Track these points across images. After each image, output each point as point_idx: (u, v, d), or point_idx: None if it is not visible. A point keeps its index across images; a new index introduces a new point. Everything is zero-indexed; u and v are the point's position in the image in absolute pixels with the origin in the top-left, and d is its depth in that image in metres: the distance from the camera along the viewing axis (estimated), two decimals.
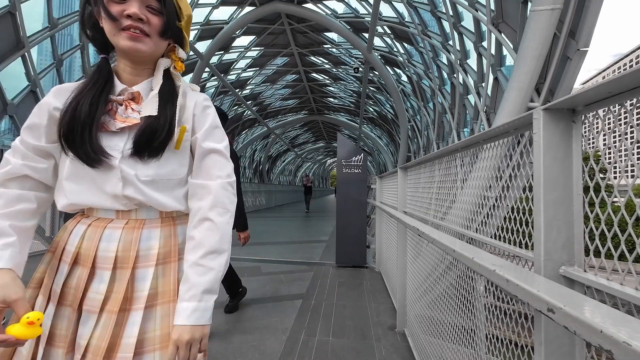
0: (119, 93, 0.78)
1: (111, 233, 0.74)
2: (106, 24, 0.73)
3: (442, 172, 1.86)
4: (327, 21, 11.29)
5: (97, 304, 0.71)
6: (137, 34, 0.73)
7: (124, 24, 0.72)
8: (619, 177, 0.69)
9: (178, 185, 0.81)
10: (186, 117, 0.82)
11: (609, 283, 0.66)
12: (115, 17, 0.71)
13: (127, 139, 0.75)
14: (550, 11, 4.29)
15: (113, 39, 0.74)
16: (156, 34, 0.76)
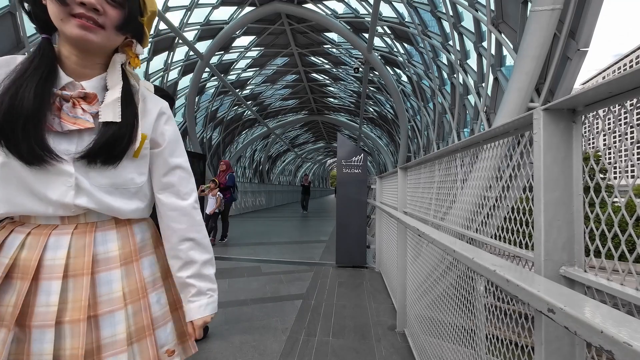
0: (63, 86, 0.68)
1: (57, 240, 0.67)
2: (52, 6, 0.63)
3: (442, 172, 1.86)
4: (327, 21, 11.30)
5: (50, 317, 0.64)
6: (89, 24, 0.64)
7: (75, 11, 0.62)
8: (619, 177, 0.69)
9: (136, 194, 0.77)
10: (147, 124, 0.77)
11: (610, 283, 0.66)
12: (66, 2, 0.62)
13: (77, 143, 0.67)
14: (550, 11, 4.30)
15: (59, 24, 0.64)
16: (112, 27, 0.67)
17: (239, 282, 4.05)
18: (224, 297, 3.48)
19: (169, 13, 10.30)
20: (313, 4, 11.27)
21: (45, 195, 0.65)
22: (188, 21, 11.09)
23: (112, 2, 0.65)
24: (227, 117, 17.84)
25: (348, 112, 21.65)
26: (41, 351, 0.63)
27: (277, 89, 18.87)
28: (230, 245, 6.55)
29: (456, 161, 1.63)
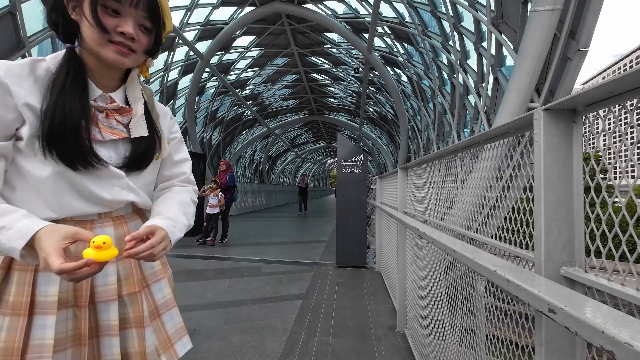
0: (94, 98, 0.75)
1: (103, 231, 0.77)
2: (91, 31, 0.68)
3: (442, 173, 1.86)
4: (327, 21, 11.30)
5: (111, 293, 0.77)
6: (125, 50, 0.71)
7: (114, 39, 0.70)
8: (619, 178, 0.69)
9: (150, 187, 0.91)
10: (164, 129, 0.89)
11: (610, 284, 0.66)
12: (107, 31, 0.69)
13: (114, 150, 0.77)
14: (550, 11, 4.30)
15: (97, 47, 0.70)
16: (142, 51, 0.75)
17: (239, 282, 4.05)
18: (224, 297, 3.48)
19: None
20: (313, 4, 11.27)
21: (99, 196, 0.75)
22: (188, 21, 11.09)
23: (143, 29, 0.74)
24: (227, 117, 17.84)
25: (348, 112, 21.65)
26: (109, 318, 0.76)
27: (277, 89, 18.87)
28: (230, 245, 6.55)
29: (456, 161, 1.63)
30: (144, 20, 0.72)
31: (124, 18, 0.70)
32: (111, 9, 0.68)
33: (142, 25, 0.73)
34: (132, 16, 0.71)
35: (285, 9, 11.00)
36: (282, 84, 18.25)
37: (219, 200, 6.52)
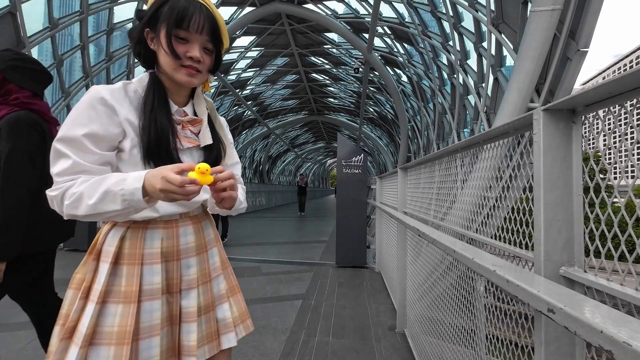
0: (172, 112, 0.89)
1: (185, 229, 0.91)
2: (167, 59, 0.82)
3: (442, 173, 1.86)
4: (327, 21, 11.30)
5: (193, 282, 0.90)
6: (194, 71, 0.84)
7: (185, 63, 0.82)
8: (619, 178, 0.69)
9: None
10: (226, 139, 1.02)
11: (609, 284, 0.66)
12: (179, 57, 0.81)
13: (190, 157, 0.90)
14: (550, 12, 4.30)
15: (171, 72, 0.84)
16: (206, 70, 0.88)
17: (239, 282, 4.04)
18: None
19: None
20: (313, 4, 11.27)
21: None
22: None
23: (207, 51, 0.86)
24: (227, 117, 17.84)
25: (348, 112, 21.65)
26: (189, 305, 0.88)
27: (277, 89, 18.87)
28: (230, 245, 6.55)
29: (456, 161, 1.64)
30: (207, 44, 0.85)
31: (192, 44, 0.82)
32: (181, 37, 0.81)
33: (205, 48, 0.85)
34: (198, 41, 0.83)
35: (285, 9, 11.00)
36: (282, 84, 18.25)
37: None
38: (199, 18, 0.80)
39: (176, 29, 0.79)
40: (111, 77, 10.66)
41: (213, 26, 0.83)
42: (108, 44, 9.89)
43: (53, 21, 7.81)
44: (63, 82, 9.11)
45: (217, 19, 0.84)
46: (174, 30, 0.79)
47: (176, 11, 0.79)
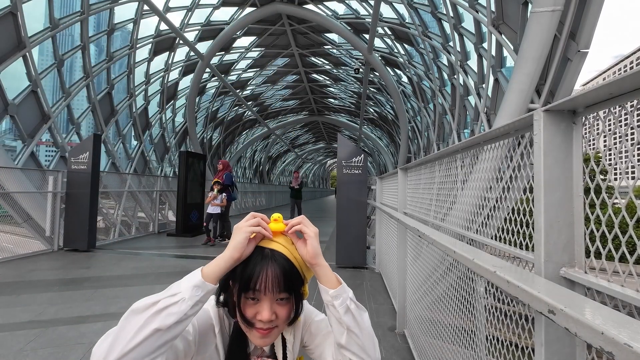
0: (250, 351, 0.85)
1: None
2: (241, 323, 0.78)
3: (443, 173, 1.86)
4: (328, 22, 11.31)
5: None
6: (267, 332, 0.77)
7: (257, 325, 0.76)
8: (619, 179, 0.69)
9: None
10: (297, 348, 0.90)
11: (610, 285, 0.66)
12: (251, 323, 0.76)
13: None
14: (550, 13, 4.30)
15: (247, 332, 0.80)
16: (284, 322, 0.79)
17: None
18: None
19: (169, 13, 10.32)
20: (314, 4, 11.29)
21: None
22: (189, 22, 11.11)
23: (280, 302, 0.77)
24: (227, 117, 17.85)
25: (348, 113, 21.67)
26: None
27: (278, 90, 18.89)
28: None
29: (456, 162, 1.64)
30: (280, 295, 0.76)
31: (261, 303, 0.75)
32: (251, 298, 0.76)
33: (280, 299, 0.77)
34: (268, 299, 0.75)
35: (286, 9, 11.01)
36: (282, 84, 18.26)
37: (222, 201, 6.58)
38: (266, 275, 0.74)
39: (245, 292, 0.75)
40: (112, 77, 10.68)
41: (286, 277, 0.76)
42: (109, 44, 9.90)
43: (54, 21, 7.82)
44: (63, 82, 9.12)
45: (292, 264, 0.77)
46: (243, 293, 0.75)
47: (245, 274, 0.75)
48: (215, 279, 0.70)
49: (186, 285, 0.67)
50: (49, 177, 5.88)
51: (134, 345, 0.59)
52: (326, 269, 0.79)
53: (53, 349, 2.37)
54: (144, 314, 0.62)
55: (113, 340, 0.60)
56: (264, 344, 0.81)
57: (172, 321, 0.62)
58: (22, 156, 7.71)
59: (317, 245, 0.78)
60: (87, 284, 3.80)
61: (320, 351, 0.89)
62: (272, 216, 0.78)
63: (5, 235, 5.69)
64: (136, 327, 0.60)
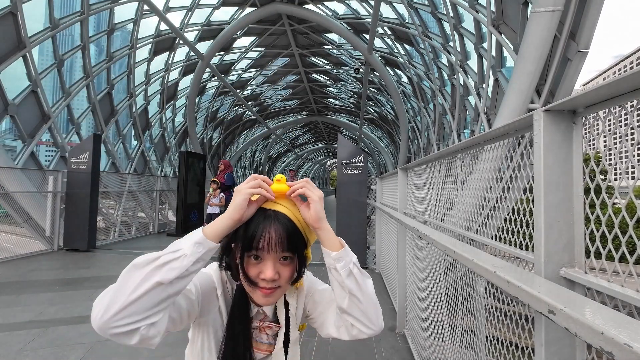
0: (251, 316, 0.86)
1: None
2: (245, 282, 0.78)
3: (443, 173, 1.86)
4: (328, 22, 11.31)
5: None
6: (269, 291, 0.77)
7: (260, 285, 0.76)
8: (619, 179, 0.69)
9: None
10: (301, 311, 0.91)
11: (610, 285, 0.66)
12: (254, 282, 0.76)
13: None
14: (550, 13, 4.30)
15: (250, 293, 0.80)
16: (286, 282, 0.79)
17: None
18: None
19: (169, 13, 10.33)
20: (314, 4, 11.29)
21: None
22: (189, 22, 11.10)
23: (284, 261, 0.77)
24: (227, 117, 17.86)
25: (348, 113, 21.67)
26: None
27: (278, 90, 18.90)
28: None
29: (456, 162, 1.64)
30: (283, 254, 0.77)
31: (264, 262, 0.76)
32: (254, 257, 0.76)
33: (283, 257, 0.77)
34: (271, 258, 0.76)
35: (286, 9, 11.02)
36: (282, 84, 18.27)
37: (220, 200, 6.60)
38: (269, 234, 0.74)
39: (248, 251, 0.75)
40: (112, 77, 10.68)
41: (289, 237, 0.76)
42: (109, 44, 9.90)
43: (54, 21, 7.83)
44: (64, 82, 9.12)
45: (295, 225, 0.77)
46: (246, 252, 0.76)
47: (248, 233, 0.75)
48: (216, 238, 0.70)
49: (187, 242, 0.67)
50: (49, 177, 5.88)
51: (136, 298, 0.59)
52: (329, 233, 0.79)
53: (53, 349, 2.37)
54: (145, 268, 0.62)
55: (114, 293, 0.60)
56: (267, 304, 0.81)
57: (173, 276, 0.62)
58: (22, 156, 7.71)
59: (320, 209, 0.77)
60: (87, 284, 3.80)
61: (322, 320, 0.89)
62: (274, 177, 0.78)
63: (5, 235, 5.69)
64: (137, 280, 0.60)
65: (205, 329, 0.81)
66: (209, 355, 0.81)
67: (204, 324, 0.81)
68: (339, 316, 0.82)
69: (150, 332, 0.61)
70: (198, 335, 0.82)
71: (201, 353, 0.81)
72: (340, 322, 0.83)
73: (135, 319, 0.59)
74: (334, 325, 0.85)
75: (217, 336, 0.81)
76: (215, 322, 0.81)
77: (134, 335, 0.60)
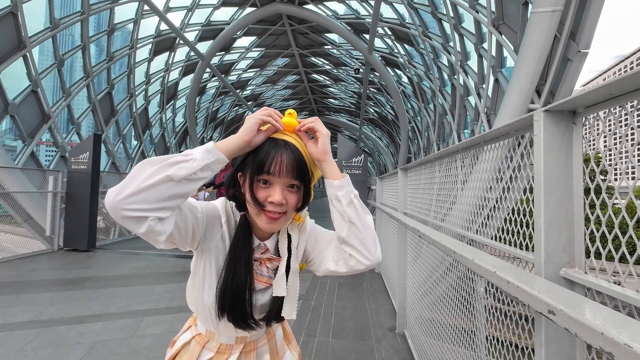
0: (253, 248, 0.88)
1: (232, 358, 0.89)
2: (250, 205, 0.80)
3: (443, 174, 1.86)
4: (328, 22, 11.31)
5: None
6: (276, 216, 0.79)
7: (267, 208, 0.78)
8: (619, 179, 0.69)
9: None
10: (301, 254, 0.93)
11: (610, 285, 0.66)
12: (262, 204, 0.78)
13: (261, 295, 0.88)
14: (551, 13, 4.30)
15: (255, 218, 0.81)
16: (292, 210, 0.81)
17: None
18: None
19: (170, 13, 10.33)
20: (314, 5, 11.29)
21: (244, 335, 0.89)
22: (189, 22, 11.11)
23: (291, 189, 0.80)
24: (227, 117, 17.86)
25: (348, 113, 21.67)
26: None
27: (278, 90, 18.91)
28: None
29: (456, 162, 1.64)
30: (291, 181, 0.79)
31: (273, 187, 0.78)
32: (262, 181, 0.79)
33: (290, 185, 0.80)
34: (280, 183, 0.78)
35: (286, 9, 11.02)
36: (282, 84, 18.28)
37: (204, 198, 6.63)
38: (280, 160, 0.77)
39: (258, 174, 0.78)
40: (112, 77, 10.68)
41: (298, 165, 0.78)
42: (109, 44, 9.90)
43: (54, 21, 7.83)
44: (64, 82, 9.12)
45: (303, 157, 0.80)
46: (256, 176, 0.78)
47: (259, 157, 0.78)
48: (227, 152, 0.74)
49: (199, 149, 0.71)
50: (49, 177, 5.88)
51: (146, 186, 0.63)
52: (334, 166, 0.82)
53: (53, 349, 2.37)
54: (157, 165, 0.66)
55: (127, 181, 0.64)
56: (271, 230, 0.82)
57: (182, 174, 0.66)
58: (22, 156, 7.72)
59: (328, 143, 0.80)
60: (87, 284, 3.80)
61: (321, 258, 0.91)
62: (286, 111, 0.80)
63: (5, 235, 5.69)
64: (149, 172, 0.65)
65: (208, 256, 0.83)
66: (210, 283, 0.83)
67: (207, 251, 0.83)
68: (338, 250, 0.85)
69: (157, 226, 0.66)
70: (200, 262, 0.84)
71: (202, 282, 0.83)
72: (338, 256, 0.85)
73: (145, 207, 0.64)
74: (332, 260, 0.87)
75: (218, 264, 0.84)
76: (217, 248, 0.84)
77: (142, 223, 0.64)
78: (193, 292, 0.87)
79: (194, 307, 0.89)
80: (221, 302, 0.81)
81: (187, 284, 0.89)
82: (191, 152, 0.70)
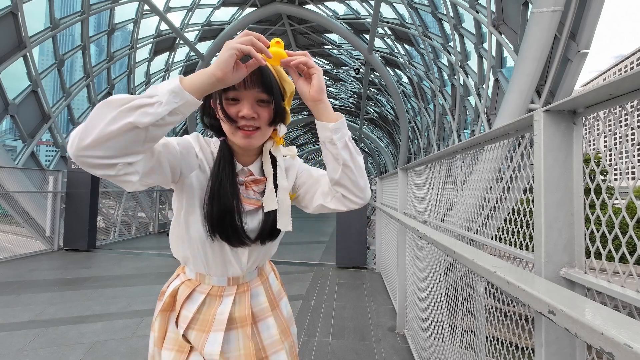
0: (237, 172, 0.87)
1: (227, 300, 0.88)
2: (224, 125, 0.80)
3: (443, 174, 1.86)
4: (328, 22, 11.32)
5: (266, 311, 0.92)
6: (250, 131, 0.79)
7: (240, 124, 0.78)
8: (619, 179, 0.69)
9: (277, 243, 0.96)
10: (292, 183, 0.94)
11: (610, 285, 0.66)
12: (233, 120, 0.77)
13: (251, 218, 0.86)
14: (551, 13, 4.30)
15: (231, 137, 0.81)
16: (265, 125, 0.80)
17: None
18: None
19: (170, 13, 10.33)
20: (314, 5, 11.29)
21: (240, 262, 0.88)
22: (189, 22, 11.12)
23: (261, 103, 0.78)
24: None
25: (349, 113, 21.66)
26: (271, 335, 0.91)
27: None
28: None
29: (456, 162, 1.64)
30: (260, 95, 0.77)
31: (242, 102, 0.77)
32: (231, 98, 0.77)
33: (260, 100, 0.78)
34: (248, 97, 0.77)
35: (286, 9, 11.02)
36: None
37: None
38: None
39: (225, 92, 0.76)
40: (112, 77, 10.68)
41: (264, 76, 0.75)
42: (109, 44, 9.91)
43: (54, 21, 7.83)
44: (64, 82, 9.12)
45: (268, 67, 0.77)
46: (223, 94, 0.76)
47: None
48: (195, 92, 0.64)
49: (163, 89, 0.62)
50: (49, 176, 5.89)
51: (108, 134, 0.57)
52: (329, 107, 0.79)
53: (53, 349, 2.37)
54: (118, 108, 0.58)
55: (88, 125, 0.57)
56: (249, 145, 0.81)
57: (147, 121, 0.59)
58: (22, 156, 7.72)
59: (323, 80, 0.77)
60: (87, 284, 3.80)
61: (313, 193, 0.91)
62: (272, 40, 0.74)
63: (5, 235, 5.69)
64: (109, 117, 0.57)
65: (190, 189, 0.81)
66: (195, 215, 0.81)
67: (188, 184, 0.81)
68: (330, 189, 0.85)
69: (128, 169, 0.62)
70: (183, 198, 0.82)
71: (186, 216, 0.82)
72: (328, 197, 0.86)
73: (111, 154, 0.59)
74: (321, 195, 0.88)
75: (201, 197, 0.82)
76: (198, 179, 0.82)
77: (110, 169, 0.60)
78: (177, 231, 0.85)
79: (181, 251, 0.87)
80: (210, 222, 0.80)
81: (170, 233, 0.89)
82: (155, 92, 0.61)
